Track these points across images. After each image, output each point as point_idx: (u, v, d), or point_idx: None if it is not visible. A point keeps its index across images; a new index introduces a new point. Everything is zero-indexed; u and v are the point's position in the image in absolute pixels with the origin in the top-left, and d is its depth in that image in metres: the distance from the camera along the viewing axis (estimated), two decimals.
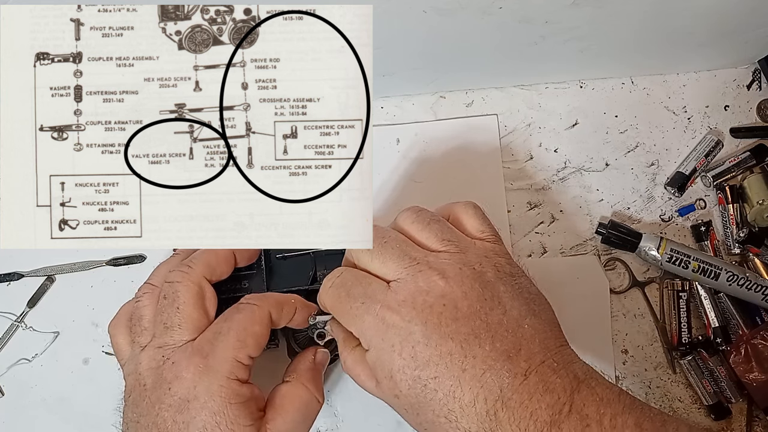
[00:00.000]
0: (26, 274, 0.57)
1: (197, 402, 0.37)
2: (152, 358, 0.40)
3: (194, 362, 0.38)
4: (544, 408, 0.34)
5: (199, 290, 0.41)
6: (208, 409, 0.37)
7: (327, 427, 0.54)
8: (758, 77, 0.61)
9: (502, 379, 0.35)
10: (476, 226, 0.43)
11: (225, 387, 0.38)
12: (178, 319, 0.40)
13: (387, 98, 0.60)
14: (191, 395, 0.38)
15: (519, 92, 0.61)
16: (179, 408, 0.37)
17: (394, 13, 0.45)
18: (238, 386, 0.39)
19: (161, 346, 0.40)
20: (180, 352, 0.39)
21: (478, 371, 0.36)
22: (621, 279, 0.58)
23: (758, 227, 0.57)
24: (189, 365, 0.38)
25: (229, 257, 0.44)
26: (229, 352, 0.39)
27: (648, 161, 0.60)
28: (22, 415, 0.55)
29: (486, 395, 0.35)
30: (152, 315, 0.42)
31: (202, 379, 0.38)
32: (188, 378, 0.38)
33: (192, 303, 0.41)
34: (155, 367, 0.39)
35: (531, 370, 0.36)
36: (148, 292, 0.43)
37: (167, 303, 0.41)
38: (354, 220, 0.42)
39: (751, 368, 0.54)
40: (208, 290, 0.42)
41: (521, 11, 0.47)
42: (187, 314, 0.40)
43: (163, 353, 0.40)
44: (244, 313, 0.41)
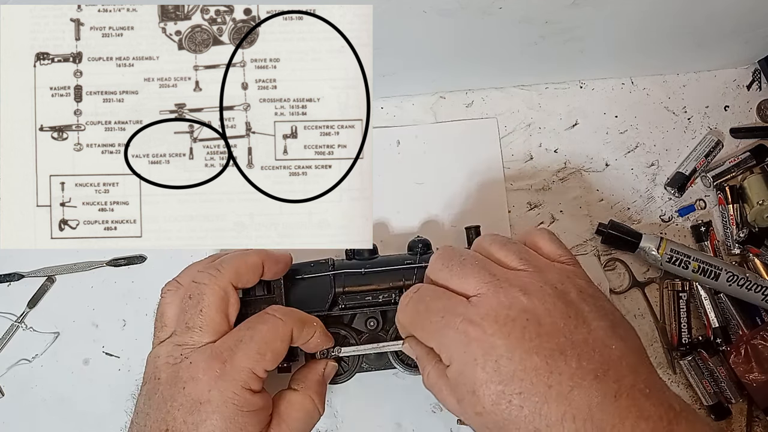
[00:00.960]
0: (26, 274, 0.57)
1: (210, 405, 0.38)
2: (170, 354, 0.40)
3: (212, 366, 0.38)
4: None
5: (224, 295, 0.41)
6: (220, 413, 0.38)
7: (327, 427, 0.54)
8: (758, 77, 0.61)
9: (591, 397, 0.34)
10: (554, 249, 0.43)
11: (239, 395, 0.38)
12: (200, 321, 0.40)
13: (387, 98, 0.60)
14: (204, 398, 0.38)
15: (519, 92, 0.61)
16: (191, 409, 0.38)
17: (394, 13, 0.45)
18: (250, 395, 0.39)
19: (180, 344, 0.40)
20: (199, 353, 0.39)
21: (565, 388, 0.34)
22: (621, 279, 0.58)
23: (758, 227, 0.57)
24: (206, 368, 0.38)
25: (257, 267, 0.44)
26: (248, 362, 0.39)
27: (648, 161, 0.60)
28: (22, 415, 0.55)
29: (575, 413, 0.34)
30: (175, 313, 0.42)
31: (218, 384, 0.38)
32: (204, 381, 0.38)
33: (215, 307, 0.41)
34: (172, 363, 0.40)
35: (621, 392, 0.34)
36: (172, 290, 0.43)
37: (192, 303, 0.41)
38: (354, 219, 0.42)
39: (751, 368, 0.54)
40: (232, 296, 0.42)
41: (521, 11, 0.47)
42: (209, 317, 0.40)
43: (182, 351, 0.40)
44: (268, 326, 0.41)
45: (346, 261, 0.49)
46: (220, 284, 0.41)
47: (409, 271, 0.48)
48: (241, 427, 0.38)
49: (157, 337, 0.42)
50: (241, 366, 0.38)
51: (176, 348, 0.40)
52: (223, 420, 0.37)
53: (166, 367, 0.40)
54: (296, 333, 0.41)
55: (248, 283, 0.43)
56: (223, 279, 0.42)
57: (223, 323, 0.41)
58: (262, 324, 0.41)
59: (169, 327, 0.42)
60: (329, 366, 0.45)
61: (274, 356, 0.40)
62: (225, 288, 0.41)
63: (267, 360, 0.39)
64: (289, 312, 0.42)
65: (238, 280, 0.42)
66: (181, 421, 0.37)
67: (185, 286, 0.43)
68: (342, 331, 0.48)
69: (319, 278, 0.48)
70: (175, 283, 0.44)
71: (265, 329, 0.40)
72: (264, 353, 0.39)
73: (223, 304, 0.41)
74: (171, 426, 0.38)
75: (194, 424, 0.37)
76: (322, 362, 0.45)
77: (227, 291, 0.42)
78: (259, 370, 0.39)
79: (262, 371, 0.39)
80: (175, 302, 0.43)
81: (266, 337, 0.40)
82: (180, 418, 0.38)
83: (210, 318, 0.40)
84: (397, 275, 0.48)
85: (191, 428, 0.37)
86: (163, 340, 0.42)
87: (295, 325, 0.41)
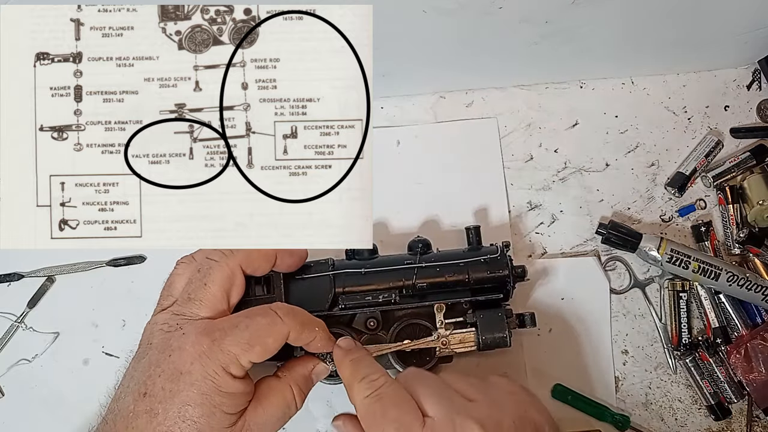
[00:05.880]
0: (26, 274, 0.57)
1: (189, 377, 0.38)
2: (166, 322, 0.41)
3: (201, 341, 0.39)
4: None
5: (231, 275, 0.42)
6: (197, 387, 0.38)
7: (327, 428, 0.54)
8: (758, 77, 0.61)
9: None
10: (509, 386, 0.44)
11: (219, 375, 0.39)
12: (202, 294, 0.41)
13: (387, 98, 0.60)
14: (186, 369, 0.38)
15: (519, 92, 0.61)
16: (171, 377, 0.38)
17: (394, 13, 0.45)
18: (230, 379, 0.39)
19: (178, 313, 0.41)
20: (193, 326, 0.40)
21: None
22: (621, 279, 0.58)
23: (758, 227, 0.57)
24: (195, 342, 0.39)
25: (269, 255, 0.45)
26: (235, 348, 0.39)
27: (648, 161, 0.60)
28: (22, 415, 0.55)
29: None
30: (183, 285, 0.43)
31: (201, 359, 0.39)
32: (189, 353, 0.39)
33: (220, 284, 0.42)
34: (166, 330, 0.40)
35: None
36: (185, 263, 0.44)
37: (199, 276, 0.42)
38: (354, 219, 0.42)
39: (751, 368, 0.54)
40: (238, 278, 0.43)
41: (521, 11, 0.47)
42: (211, 293, 0.41)
43: (178, 321, 0.41)
44: (267, 321, 0.41)
45: (346, 261, 0.49)
46: (229, 264, 0.42)
47: (409, 271, 0.48)
48: (216, 404, 0.38)
49: (160, 305, 0.43)
50: (227, 349, 0.39)
51: (174, 317, 0.41)
52: (200, 395, 0.38)
53: (160, 334, 0.40)
54: (294, 335, 0.41)
55: (258, 270, 0.44)
56: (234, 260, 0.42)
57: (223, 301, 0.42)
58: (262, 317, 0.41)
59: (173, 296, 0.43)
60: (319, 366, 0.45)
61: (263, 351, 0.40)
62: (233, 269, 0.42)
63: (254, 352, 0.39)
64: (292, 313, 0.42)
65: (249, 265, 0.43)
66: (160, 387, 0.38)
67: (198, 260, 0.44)
68: (342, 332, 0.48)
69: (319, 278, 0.48)
70: (189, 257, 0.45)
71: (263, 323, 0.40)
72: (253, 345, 0.39)
73: (227, 283, 0.42)
74: (150, 390, 0.38)
75: (171, 392, 0.38)
76: (313, 360, 0.45)
77: (235, 272, 0.42)
78: (243, 359, 0.39)
79: (246, 361, 0.39)
80: (185, 274, 0.43)
81: (261, 330, 0.40)
82: (159, 384, 0.38)
83: (212, 293, 0.41)
84: (397, 275, 0.48)
85: (167, 395, 0.38)
86: (165, 308, 0.42)
87: (294, 328, 0.41)
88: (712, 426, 0.55)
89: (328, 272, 0.48)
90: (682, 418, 0.56)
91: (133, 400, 0.38)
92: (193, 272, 0.43)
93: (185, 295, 0.42)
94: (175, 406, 0.38)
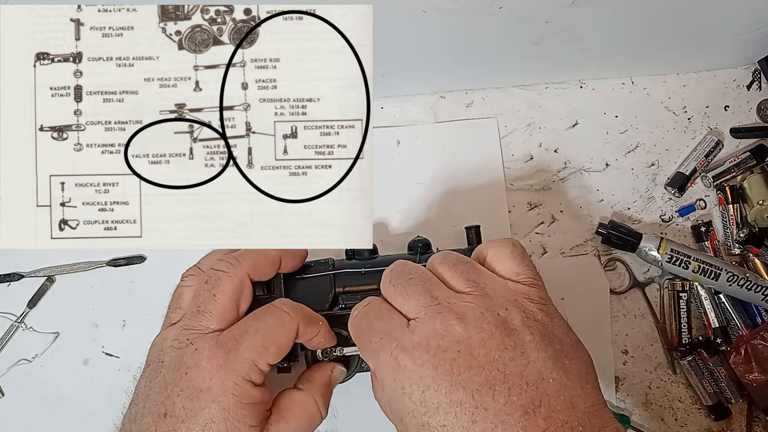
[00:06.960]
0: (26, 274, 0.57)
1: (210, 394, 0.38)
2: (176, 338, 0.40)
3: (216, 354, 0.39)
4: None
5: (239, 284, 0.42)
6: (219, 403, 0.38)
7: (327, 428, 0.54)
8: (758, 77, 0.61)
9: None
10: (511, 267, 0.41)
11: (239, 386, 0.38)
12: (212, 306, 0.41)
13: (387, 98, 0.60)
14: (205, 386, 0.38)
15: (519, 92, 0.61)
16: (191, 395, 0.38)
17: (394, 13, 0.45)
18: (251, 388, 0.39)
19: (188, 328, 0.40)
20: (204, 340, 0.40)
21: (489, 425, 0.33)
22: (621, 279, 0.58)
23: (758, 227, 0.57)
24: (210, 356, 0.39)
25: (275, 260, 0.44)
26: (251, 354, 0.39)
27: (648, 161, 0.60)
28: (22, 415, 0.55)
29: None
30: (191, 297, 0.42)
31: (219, 374, 0.38)
32: (206, 368, 0.38)
33: (229, 295, 0.41)
34: (177, 347, 0.40)
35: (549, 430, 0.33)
36: (194, 275, 0.44)
37: (207, 288, 0.42)
38: (354, 219, 0.42)
39: (751, 368, 0.54)
40: (246, 287, 0.42)
41: (521, 11, 0.47)
42: (221, 304, 0.41)
43: (188, 336, 0.40)
44: (275, 319, 0.41)
45: (346, 261, 0.49)
46: (237, 273, 0.42)
47: None
48: (239, 418, 0.38)
49: (169, 319, 0.43)
50: (244, 357, 0.39)
51: (183, 332, 0.40)
52: (222, 410, 0.37)
53: (171, 351, 0.40)
54: (302, 329, 0.41)
55: (264, 275, 0.44)
56: (241, 269, 0.42)
57: (233, 311, 0.41)
58: (269, 317, 0.41)
59: (182, 309, 0.42)
60: (337, 370, 0.45)
61: (278, 350, 0.40)
62: (241, 278, 0.42)
63: (270, 353, 0.39)
64: (297, 307, 0.42)
65: (256, 272, 0.43)
66: (180, 407, 0.38)
67: (205, 272, 0.43)
68: (343, 331, 0.48)
69: (319, 278, 0.48)
70: (196, 269, 0.44)
71: (272, 322, 0.40)
72: (268, 346, 0.39)
73: (236, 293, 0.42)
74: (170, 410, 0.38)
75: (193, 410, 0.37)
76: (330, 365, 0.45)
77: (243, 281, 0.42)
78: (261, 363, 0.39)
79: (264, 364, 0.39)
80: (193, 286, 0.43)
81: (272, 330, 0.40)
82: (179, 403, 0.38)
83: (221, 304, 0.41)
84: None
85: (190, 414, 0.37)
86: (174, 322, 0.42)
87: (301, 321, 0.41)
88: (712, 426, 0.55)
89: (328, 272, 0.48)
90: (682, 418, 0.56)
91: (153, 421, 0.38)
92: (200, 284, 0.42)
93: (194, 308, 0.41)
94: (198, 426, 0.37)
